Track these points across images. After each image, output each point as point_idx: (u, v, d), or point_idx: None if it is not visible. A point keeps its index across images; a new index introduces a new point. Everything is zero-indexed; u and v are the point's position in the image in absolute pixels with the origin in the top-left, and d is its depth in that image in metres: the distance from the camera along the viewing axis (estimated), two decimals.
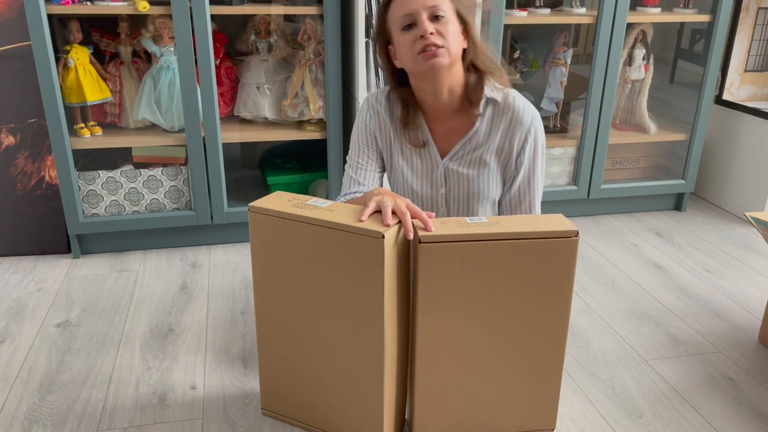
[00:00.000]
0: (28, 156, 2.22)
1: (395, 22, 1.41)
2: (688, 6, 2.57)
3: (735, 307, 2.02)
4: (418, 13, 1.38)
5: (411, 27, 1.39)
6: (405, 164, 1.56)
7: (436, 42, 1.37)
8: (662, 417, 1.53)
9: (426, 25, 1.37)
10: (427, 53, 1.37)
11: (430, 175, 1.54)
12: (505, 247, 1.26)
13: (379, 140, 1.57)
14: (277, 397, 1.48)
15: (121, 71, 2.25)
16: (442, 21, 1.38)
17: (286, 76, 2.34)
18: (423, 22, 1.37)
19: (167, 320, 1.90)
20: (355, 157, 1.58)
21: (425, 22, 1.37)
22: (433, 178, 1.54)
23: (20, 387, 1.61)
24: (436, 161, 1.53)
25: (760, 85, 2.76)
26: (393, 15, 1.42)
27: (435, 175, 1.54)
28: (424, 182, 1.55)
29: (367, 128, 1.57)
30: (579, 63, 2.65)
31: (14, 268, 2.20)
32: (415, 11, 1.38)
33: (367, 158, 1.58)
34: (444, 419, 1.40)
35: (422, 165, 1.54)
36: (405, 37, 1.40)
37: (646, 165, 2.75)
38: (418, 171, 1.55)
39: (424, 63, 1.38)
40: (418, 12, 1.38)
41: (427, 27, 1.37)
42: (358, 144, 1.58)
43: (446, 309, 1.30)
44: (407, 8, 1.38)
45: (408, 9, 1.38)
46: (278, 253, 1.33)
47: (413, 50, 1.39)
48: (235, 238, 2.42)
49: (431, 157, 1.53)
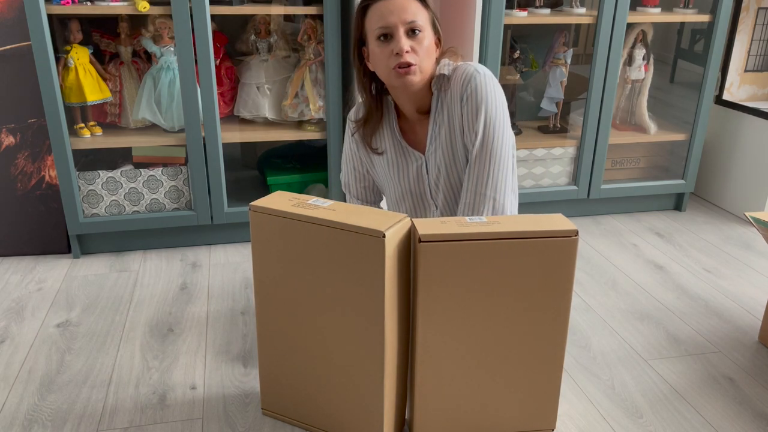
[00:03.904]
0: (28, 156, 2.22)
1: (372, 30, 1.42)
2: (688, 6, 2.57)
3: (735, 307, 2.02)
4: (396, 28, 1.39)
5: (387, 38, 1.41)
6: (389, 167, 1.60)
7: (410, 61, 1.40)
8: (662, 417, 1.53)
9: (402, 42, 1.39)
10: (401, 71, 1.41)
11: (413, 171, 1.57)
12: (505, 246, 1.26)
13: (363, 158, 1.65)
14: (277, 397, 1.48)
15: (121, 71, 2.25)
16: (418, 37, 1.41)
17: (286, 76, 2.34)
18: (400, 38, 1.39)
19: (167, 320, 1.90)
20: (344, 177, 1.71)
21: (402, 39, 1.39)
22: (418, 173, 1.57)
23: (20, 387, 1.61)
24: (415, 157, 1.56)
25: (760, 85, 2.76)
26: (370, 22, 1.43)
27: (420, 170, 1.56)
28: (410, 180, 1.58)
29: (351, 151, 1.66)
30: (579, 63, 2.65)
31: (14, 268, 2.20)
32: (393, 25, 1.39)
33: (354, 179, 1.70)
34: (444, 419, 1.40)
35: (406, 164, 1.58)
36: (381, 48, 1.42)
37: (646, 165, 2.75)
38: (404, 170, 1.58)
39: (398, 79, 1.43)
40: (396, 26, 1.39)
41: (403, 45, 1.39)
42: (345, 165, 1.70)
43: (446, 309, 1.30)
44: (385, 20, 1.39)
45: (386, 21, 1.39)
46: (279, 252, 1.33)
47: (387, 64, 1.42)
48: (235, 238, 2.42)
49: (411, 154, 1.57)
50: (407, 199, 1.61)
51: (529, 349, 1.36)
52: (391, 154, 1.59)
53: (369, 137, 1.60)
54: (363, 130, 1.59)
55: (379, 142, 1.60)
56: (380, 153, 1.59)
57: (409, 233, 1.30)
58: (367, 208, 1.31)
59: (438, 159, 1.53)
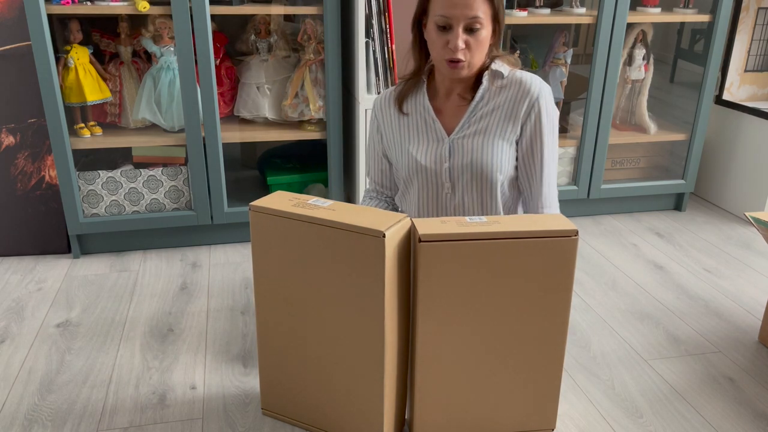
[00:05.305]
0: (28, 156, 2.22)
1: (433, 14, 1.43)
2: (688, 6, 2.57)
3: (735, 307, 2.02)
4: (456, 21, 1.40)
5: (445, 29, 1.42)
6: (411, 144, 1.59)
7: (462, 58, 1.43)
8: (662, 417, 1.53)
9: (459, 39, 1.41)
10: (451, 64, 1.44)
11: (435, 150, 1.56)
12: (505, 246, 1.26)
13: (384, 138, 1.66)
14: (277, 397, 1.48)
15: (121, 71, 2.25)
16: (476, 34, 1.42)
17: (286, 76, 2.34)
18: (457, 35, 1.41)
19: (167, 320, 1.90)
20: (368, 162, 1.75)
21: (459, 36, 1.41)
22: (438, 152, 1.56)
23: (20, 387, 1.61)
24: (441, 136, 1.56)
25: (760, 85, 2.76)
26: (434, 5, 1.44)
27: (440, 150, 1.56)
28: (428, 157, 1.57)
29: (373, 138, 1.68)
30: (579, 63, 2.65)
31: (14, 268, 2.20)
32: (454, 18, 1.40)
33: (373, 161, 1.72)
34: (444, 419, 1.40)
35: (428, 142, 1.57)
36: (437, 35, 1.44)
37: (646, 165, 2.75)
38: (424, 148, 1.58)
39: (446, 69, 1.46)
40: (457, 20, 1.40)
41: (459, 43, 1.41)
42: (371, 155, 1.72)
43: (446, 308, 1.30)
44: (447, 11, 1.40)
45: (448, 12, 1.40)
46: (279, 252, 1.33)
47: (440, 52, 1.45)
48: (235, 238, 2.42)
49: (436, 133, 1.56)
50: (420, 175, 1.59)
51: (529, 349, 1.36)
52: (414, 117, 1.59)
53: (404, 96, 1.61)
54: (404, 86, 1.61)
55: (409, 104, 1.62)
56: (406, 113, 1.60)
57: (409, 233, 1.30)
58: (368, 208, 1.31)
59: (465, 147, 1.54)
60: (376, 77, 2.20)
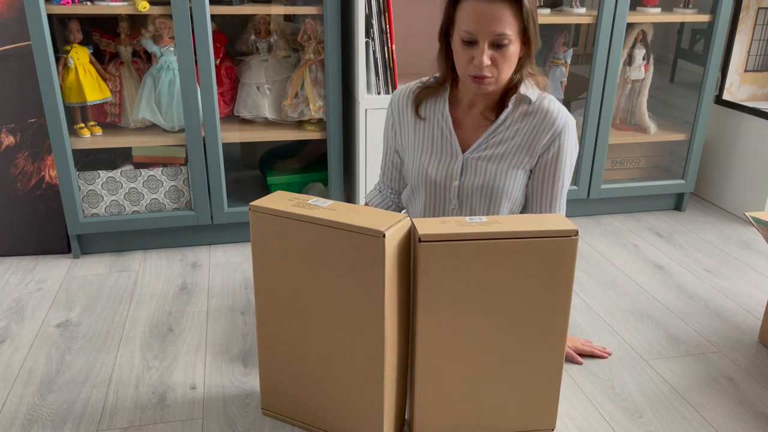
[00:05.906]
0: (28, 156, 2.22)
1: (459, 28, 1.39)
2: (688, 6, 2.57)
3: (735, 307, 2.02)
4: (482, 37, 1.36)
5: (471, 44, 1.38)
6: (424, 155, 1.57)
7: (487, 74, 1.39)
8: (662, 417, 1.53)
9: (484, 56, 1.36)
10: (476, 80, 1.40)
11: (447, 165, 1.54)
12: (505, 246, 1.26)
13: (398, 136, 1.63)
14: (277, 397, 1.48)
15: (121, 71, 2.25)
16: (503, 50, 1.38)
17: (286, 76, 2.34)
18: (483, 51, 1.36)
19: (167, 320, 1.90)
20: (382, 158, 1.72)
21: (484, 52, 1.36)
22: (450, 168, 1.54)
23: (20, 387, 1.61)
24: (455, 152, 1.53)
25: (760, 85, 2.76)
26: (460, 19, 1.39)
27: (452, 167, 1.53)
28: (439, 171, 1.55)
29: (387, 133, 1.66)
30: (579, 63, 2.65)
31: (14, 268, 2.20)
32: (479, 33, 1.36)
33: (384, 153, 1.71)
34: (444, 419, 1.40)
35: (441, 155, 1.55)
36: (463, 50, 1.40)
37: (646, 165, 2.75)
38: (436, 161, 1.55)
39: (471, 83, 1.42)
40: (482, 36, 1.36)
41: (484, 60, 1.36)
42: (384, 147, 1.70)
43: (446, 308, 1.30)
44: (473, 27, 1.36)
45: (474, 28, 1.36)
46: (279, 252, 1.33)
47: (465, 67, 1.41)
48: (235, 238, 2.42)
49: (451, 148, 1.54)
50: (428, 187, 1.57)
51: (529, 349, 1.36)
52: (431, 125, 1.55)
53: (424, 99, 1.57)
54: (426, 90, 1.56)
55: (427, 109, 1.58)
56: (423, 118, 1.56)
57: (409, 233, 1.30)
58: (368, 207, 1.31)
59: (479, 169, 1.51)
60: (376, 77, 2.20)
